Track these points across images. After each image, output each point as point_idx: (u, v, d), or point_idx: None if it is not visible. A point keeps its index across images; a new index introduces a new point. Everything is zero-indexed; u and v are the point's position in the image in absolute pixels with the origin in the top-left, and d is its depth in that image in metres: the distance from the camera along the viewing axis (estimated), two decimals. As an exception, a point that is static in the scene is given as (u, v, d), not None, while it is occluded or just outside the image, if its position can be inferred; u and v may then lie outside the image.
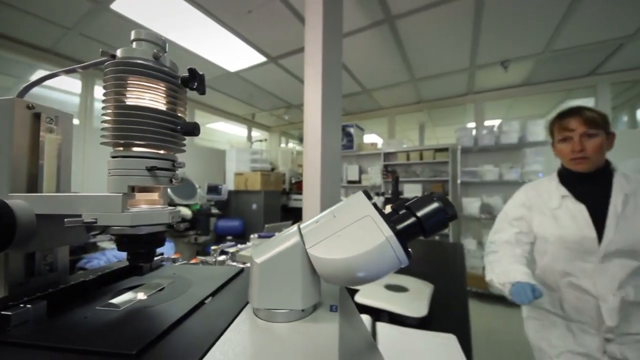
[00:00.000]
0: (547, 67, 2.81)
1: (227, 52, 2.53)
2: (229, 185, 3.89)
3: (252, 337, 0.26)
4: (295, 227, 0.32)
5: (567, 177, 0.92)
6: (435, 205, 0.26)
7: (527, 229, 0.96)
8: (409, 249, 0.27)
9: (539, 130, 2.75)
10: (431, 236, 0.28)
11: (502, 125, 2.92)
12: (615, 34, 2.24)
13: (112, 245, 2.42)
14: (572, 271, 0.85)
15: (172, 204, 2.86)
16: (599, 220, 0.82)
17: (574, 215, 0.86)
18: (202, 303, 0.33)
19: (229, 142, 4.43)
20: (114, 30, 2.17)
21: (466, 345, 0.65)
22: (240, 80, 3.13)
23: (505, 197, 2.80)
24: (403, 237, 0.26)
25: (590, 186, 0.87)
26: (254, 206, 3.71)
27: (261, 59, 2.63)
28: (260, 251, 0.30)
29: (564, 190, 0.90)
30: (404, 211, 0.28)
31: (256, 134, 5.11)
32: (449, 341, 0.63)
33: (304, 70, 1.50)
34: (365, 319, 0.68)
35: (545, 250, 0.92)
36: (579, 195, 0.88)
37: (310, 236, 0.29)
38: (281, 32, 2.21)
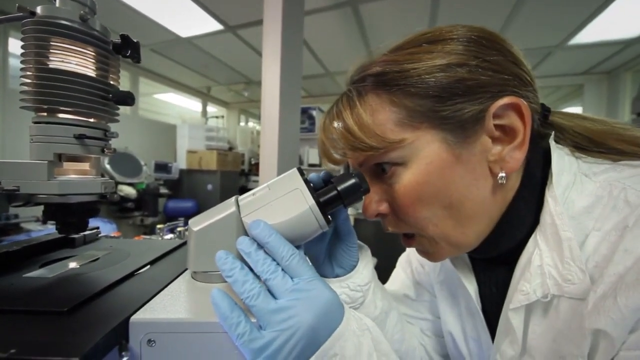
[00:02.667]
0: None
1: (178, 14, 2.29)
2: (181, 163, 3.65)
3: (188, 294, 0.29)
4: (233, 199, 0.34)
5: None
6: (352, 180, 0.31)
7: None
8: (329, 217, 0.31)
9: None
10: (350, 206, 0.33)
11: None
12: (545, 43, 2.56)
13: (40, 227, 2.15)
14: None
15: (115, 183, 2.57)
16: None
17: None
18: (139, 270, 0.35)
19: (180, 117, 4.09)
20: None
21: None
22: (193, 47, 2.88)
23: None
24: (324, 206, 0.31)
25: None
26: (209, 187, 3.56)
27: (217, 26, 2.44)
28: (197, 220, 0.32)
29: None
30: (330, 186, 0.33)
31: (212, 109, 4.81)
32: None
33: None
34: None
35: None
36: None
37: (246, 207, 0.32)
38: None
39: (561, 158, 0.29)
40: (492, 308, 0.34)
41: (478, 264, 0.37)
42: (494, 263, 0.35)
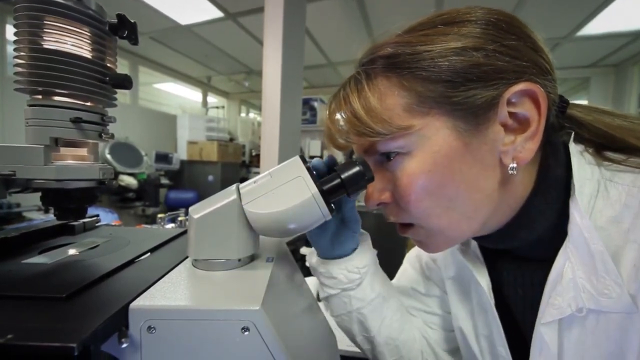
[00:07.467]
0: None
1: (178, 1, 2.24)
2: (181, 154, 3.64)
3: (189, 281, 0.29)
4: (233, 187, 0.34)
5: None
6: (356, 169, 0.31)
7: None
8: (332, 205, 0.31)
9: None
10: (353, 194, 0.33)
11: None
12: (553, 34, 2.51)
13: (42, 216, 2.16)
14: None
15: (115, 173, 2.56)
16: None
17: None
18: (139, 257, 0.34)
19: (180, 107, 4.06)
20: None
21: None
22: (193, 36, 2.83)
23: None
24: (327, 194, 0.30)
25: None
26: (210, 178, 3.56)
27: (218, 13, 2.39)
28: (198, 208, 0.32)
29: None
30: (333, 174, 0.32)
31: (212, 99, 4.76)
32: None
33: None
34: (311, 281, 0.74)
35: None
36: None
37: (248, 194, 0.32)
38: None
39: (582, 166, 0.28)
40: (518, 310, 0.33)
41: (501, 262, 0.34)
42: (518, 260, 0.33)
